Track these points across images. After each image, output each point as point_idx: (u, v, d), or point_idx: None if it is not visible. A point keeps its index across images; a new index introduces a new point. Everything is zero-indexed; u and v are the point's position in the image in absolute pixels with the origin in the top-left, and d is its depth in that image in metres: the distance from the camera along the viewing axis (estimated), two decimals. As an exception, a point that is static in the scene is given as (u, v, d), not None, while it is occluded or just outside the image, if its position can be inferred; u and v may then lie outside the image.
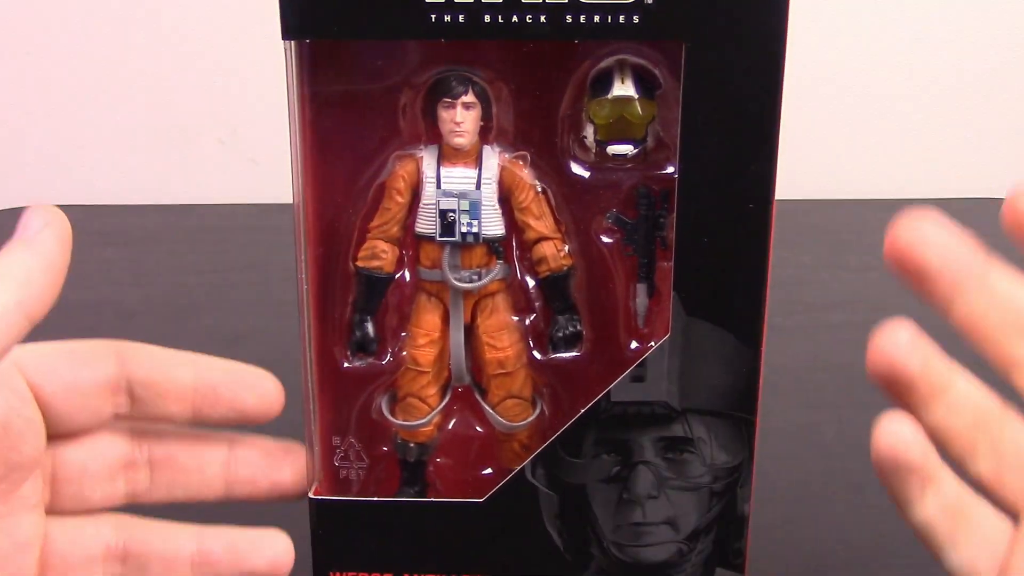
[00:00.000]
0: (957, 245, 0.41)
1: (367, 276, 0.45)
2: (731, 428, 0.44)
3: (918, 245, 0.41)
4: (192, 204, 1.05)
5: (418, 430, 0.46)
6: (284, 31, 0.41)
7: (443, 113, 0.43)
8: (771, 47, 0.40)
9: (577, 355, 0.46)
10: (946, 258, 0.41)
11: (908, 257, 0.40)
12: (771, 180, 0.41)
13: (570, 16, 0.40)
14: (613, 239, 0.45)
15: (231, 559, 0.43)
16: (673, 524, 0.45)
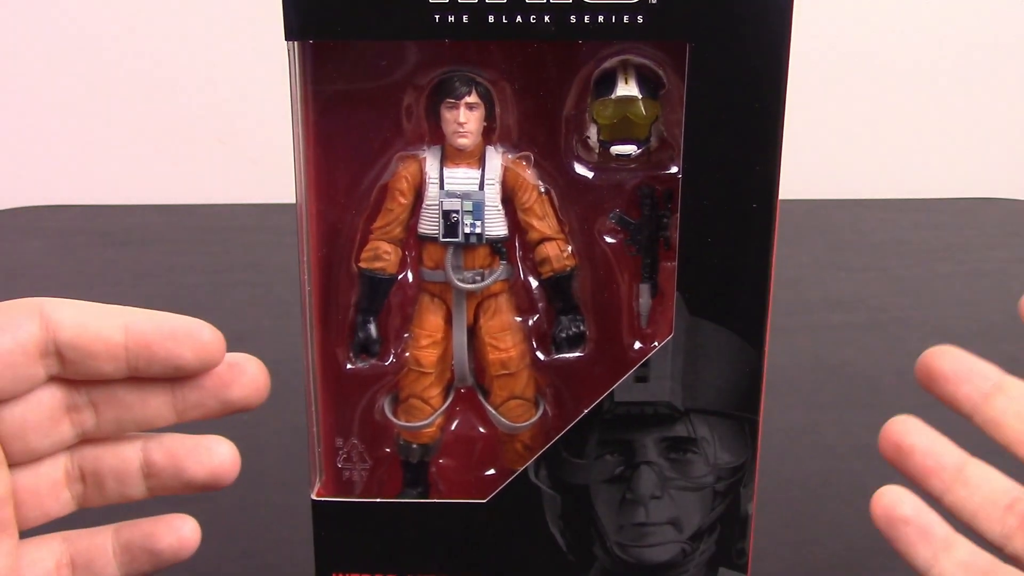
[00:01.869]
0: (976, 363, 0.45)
1: (370, 277, 0.45)
2: (734, 428, 0.44)
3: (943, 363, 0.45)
4: (192, 204, 1.05)
5: (421, 431, 0.46)
6: (287, 32, 0.40)
7: (446, 114, 0.43)
8: (775, 48, 0.40)
9: (580, 355, 0.46)
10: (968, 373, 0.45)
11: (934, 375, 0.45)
12: (775, 180, 0.41)
13: (574, 16, 0.40)
14: (616, 239, 0.45)
15: (172, 466, 0.43)
16: (676, 524, 0.45)
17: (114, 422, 0.43)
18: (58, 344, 0.40)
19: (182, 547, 0.43)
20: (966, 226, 1.01)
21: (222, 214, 1.03)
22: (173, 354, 0.41)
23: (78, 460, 0.43)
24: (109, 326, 0.40)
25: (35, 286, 0.89)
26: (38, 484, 0.42)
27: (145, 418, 0.43)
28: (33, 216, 1.02)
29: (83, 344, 0.40)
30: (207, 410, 0.43)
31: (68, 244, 0.97)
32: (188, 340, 0.41)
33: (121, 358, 0.41)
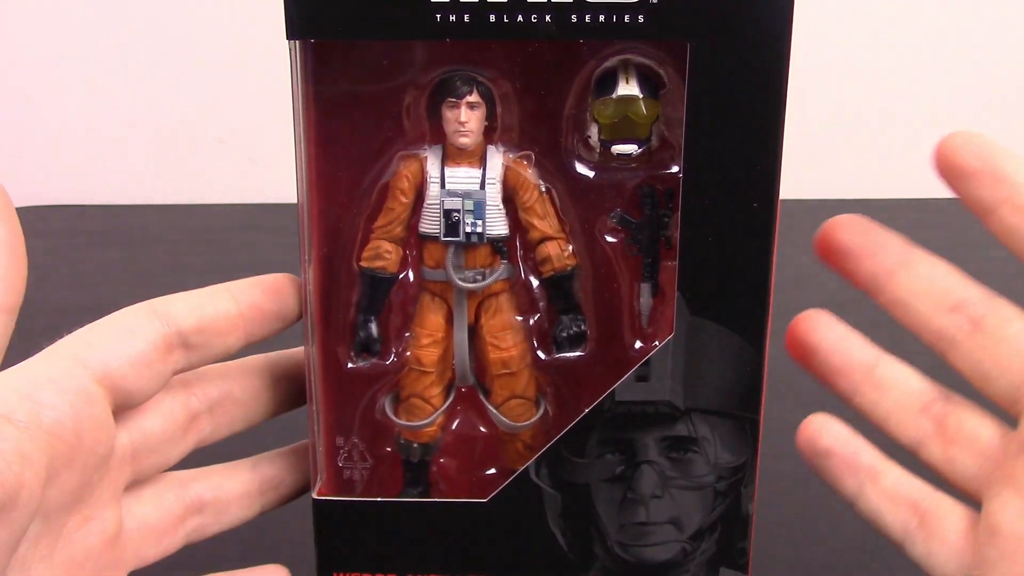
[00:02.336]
0: (882, 236, 0.43)
1: (371, 276, 0.45)
2: (735, 428, 0.44)
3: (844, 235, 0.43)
4: (192, 204, 1.05)
5: (421, 430, 0.46)
6: (289, 31, 0.40)
7: (447, 113, 0.43)
8: (776, 47, 0.40)
9: (581, 355, 0.46)
10: (873, 246, 0.42)
11: (835, 248, 0.43)
12: (775, 180, 0.41)
13: (575, 16, 0.40)
14: (617, 239, 0.45)
15: (292, 475, 0.46)
16: (677, 524, 0.45)
17: (227, 424, 0.45)
18: (183, 335, 0.41)
19: None
20: (966, 226, 1.01)
21: (222, 214, 1.03)
22: (280, 306, 0.44)
23: (194, 492, 0.44)
24: (222, 301, 0.43)
25: (35, 286, 0.89)
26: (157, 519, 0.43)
27: (253, 413, 0.46)
28: (33, 216, 1.02)
29: (206, 326, 0.42)
30: (296, 396, 0.46)
31: (68, 244, 0.97)
32: (286, 290, 0.44)
33: (240, 327, 0.43)
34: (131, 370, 0.39)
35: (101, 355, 0.39)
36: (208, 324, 0.42)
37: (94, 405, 0.38)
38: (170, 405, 0.43)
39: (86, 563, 0.39)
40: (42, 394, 0.37)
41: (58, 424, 0.37)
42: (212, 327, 0.42)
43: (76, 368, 0.38)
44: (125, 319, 0.41)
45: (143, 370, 0.40)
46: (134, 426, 0.42)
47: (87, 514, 0.39)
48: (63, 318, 0.88)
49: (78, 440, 0.38)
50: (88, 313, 0.87)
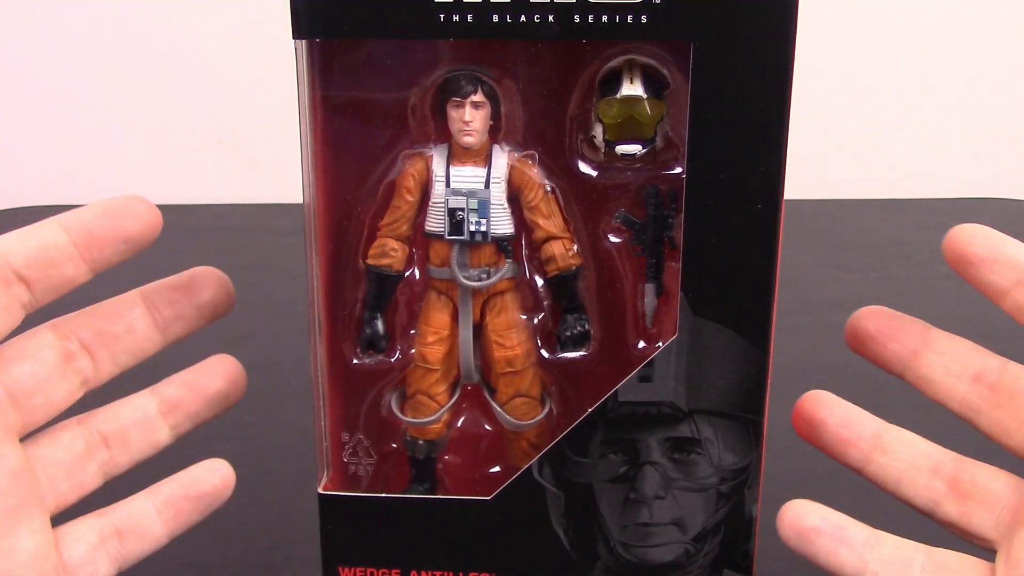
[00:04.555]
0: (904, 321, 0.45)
1: (377, 274, 0.45)
2: (738, 429, 0.44)
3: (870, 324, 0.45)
4: (192, 204, 1.05)
5: (427, 427, 0.46)
6: (295, 31, 0.41)
7: (452, 112, 0.43)
8: (780, 47, 0.40)
9: (584, 354, 0.46)
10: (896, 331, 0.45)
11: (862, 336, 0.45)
12: (780, 180, 0.41)
13: (578, 16, 0.40)
14: (621, 239, 0.45)
15: (191, 390, 0.46)
16: (680, 525, 0.45)
17: (110, 359, 0.44)
18: (15, 268, 0.41)
19: (225, 487, 0.45)
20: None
21: (222, 214, 1.03)
22: (116, 229, 0.42)
23: (96, 427, 0.44)
24: (48, 232, 0.42)
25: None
26: (61, 457, 0.43)
27: (136, 345, 0.45)
28: (33, 216, 1.02)
29: (36, 257, 0.41)
30: (188, 322, 0.46)
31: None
32: (125, 212, 0.43)
33: (75, 255, 0.42)
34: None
35: None
36: (37, 255, 0.41)
37: None
38: (37, 347, 0.43)
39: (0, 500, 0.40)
40: None
41: None
42: (43, 257, 0.41)
43: None
44: None
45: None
46: (3, 372, 0.42)
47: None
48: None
49: None
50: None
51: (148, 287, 0.46)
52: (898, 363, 0.44)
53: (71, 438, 0.44)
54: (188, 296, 0.46)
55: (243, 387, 0.47)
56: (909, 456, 0.44)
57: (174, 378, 0.46)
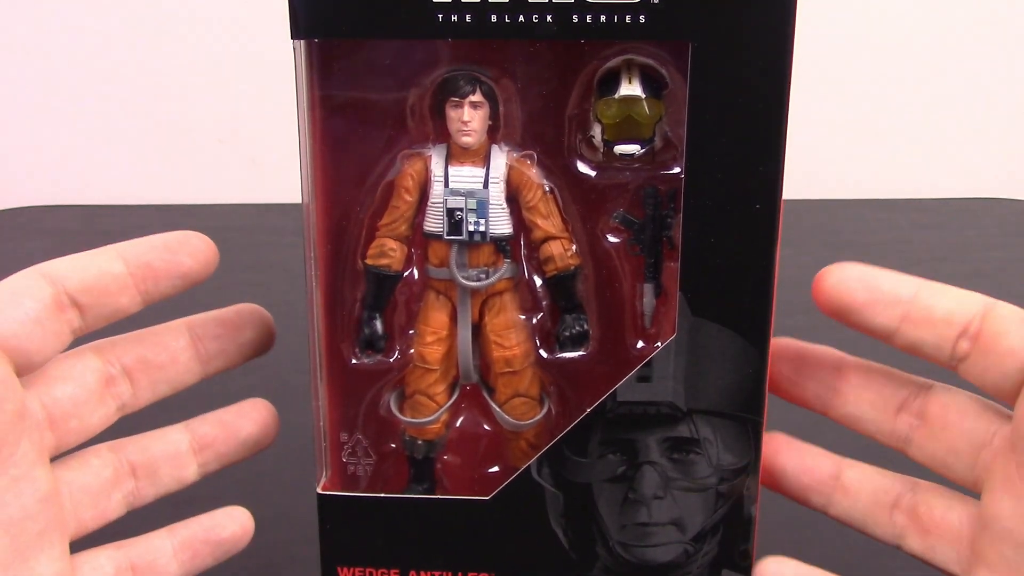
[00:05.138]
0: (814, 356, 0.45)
1: (375, 274, 0.45)
2: (737, 429, 0.44)
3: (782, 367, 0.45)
4: (192, 204, 1.05)
5: (426, 427, 0.46)
6: (294, 31, 0.41)
7: (451, 112, 0.43)
8: (778, 47, 0.39)
9: (583, 354, 0.46)
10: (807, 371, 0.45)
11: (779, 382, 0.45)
12: (778, 180, 0.41)
13: (576, 16, 0.40)
14: (620, 239, 0.45)
15: (225, 433, 0.46)
16: (679, 525, 0.45)
17: (149, 387, 0.45)
18: (71, 294, 0.41)
19: (244, 534, 0.46)
20: (966, 226, 1.01)
21: (222, 214, 1.03)
22: (174, 264, 0.43)
23: (126, 456, 0.44)
24: (107, 260, 0.42)
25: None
26: (88, 483, 0.43)
27: (176, 375, 0.45)
28: (33, 216, 1.02)
29: (92, 285, 0.42)
30: (229, 358, 0.46)
31: (68, 244, 0.97)
32: (183, 248, 0.43)
33: (130, 286, 0.42)
34: (23, 330, 0.40)
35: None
36: (94, 283, 0.42)
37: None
38: (80, 370, 0.43)
39: (24, 523, 0.40)
40: None
41: None
42: (99, 286, 0.42)
43: None
44: (13, 284, 0.41)
45: (36, 329, 0.40)
46: (45, 391, 0.42)
47: (14, 475, 0.40)
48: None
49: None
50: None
51: (195, 319, 0.46)
52: (821, 404, 0.45)
53: (100, 465, 0.44)
54: (233, 332, 0.46)
55: (275, 433, 0.47)
56: (869, 494, 0.44)
57: (209, 416, 0.46)
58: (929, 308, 0.41)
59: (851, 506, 0.45)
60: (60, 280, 0.41)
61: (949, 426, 0.42)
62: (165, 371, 0.45)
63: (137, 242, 0.43)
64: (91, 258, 0.42)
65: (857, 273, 0.42)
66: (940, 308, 0.41)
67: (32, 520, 0.40)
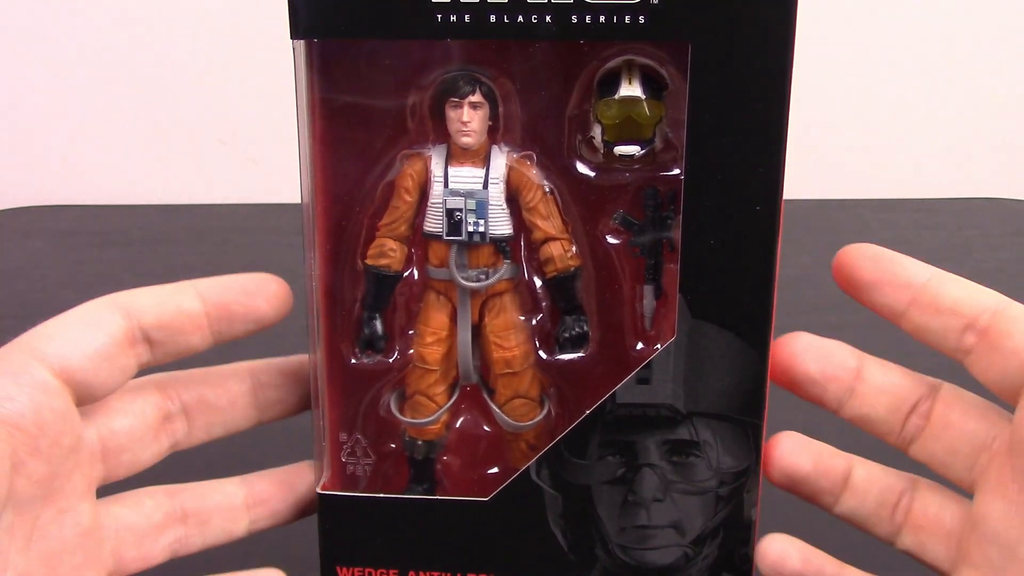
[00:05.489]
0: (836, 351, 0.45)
1: (375, 274, 0.45)
2: (737, 432, 0.44)
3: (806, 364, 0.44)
4: (192, 204, 1.04)
5: (426, 428, 0.46)
6: (293, 31, 0.41)
7: (450, 113, 0.43)
8: (779, 47, 0.39)
9: (583, 356, 0.46)
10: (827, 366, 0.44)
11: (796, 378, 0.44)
12: (779, 181, 0.41)
13: (575, 16, 0.40)
14: (620, 240, 0.45)
15: (282, 492, 0.46)
16: (678, 528, 0.45)
17: (204, 428, 0.45)
18: (144, 329, 0.41)
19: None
20: (966, 226, 1.01)
21: (222, 214, 1.03)
22: (250, 308, 0.43)
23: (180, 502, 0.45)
24: (187, 298, 0.42)
25: (35, 286, 0.89)
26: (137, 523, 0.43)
27: (232, 419, 0.45)
28: (33, 216, 1.02)
29: (168, 322, 0.42)
30: (285, 407, 0.46)
31: (68, 244, 0.97)
32: (260, 292, 0.43)
33: (205, 326, 0.42)
34: (90, 363, 0.40)
35: (60, 348, 0.40)
36: (170, 320, 0.42)
37: (54, 397, 0.39)
38: (141, 405, 0.43)
39: (63, 556, 0.40)
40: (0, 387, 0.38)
41: (18, 415, 0.38)
42: (175, 324, 0.42)
43: (34, 362, 0.39)
44: (86, 313, 0.41)
45: (102, 363, 0.40)
46: (103, 423, 0.42)
47: (61, 506, 0.40)
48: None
49: (40, 431, 0.38)
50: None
51: (257, 365, 0.46)
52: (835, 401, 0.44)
53: (153, 506, 0.44)
54: (293, 383, 0.46)
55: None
56: (877, 493, 0.44)
57: (266, 473, 0.46)
58: (938, 295, 0.42)
59: (858, 505, 0.45)
60: (137, 314, 0.41)
61: (951, 427, 0.42)
62: (223, 414, 0.45)
63: (215, 281, 0.43)
64: (171, 295, 0.42)
65: (872, 253, 0.43)
66: (948, 297, 0.42)
67: (71, 554, 0.40)
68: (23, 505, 0.38)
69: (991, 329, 0.41)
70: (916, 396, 0.43)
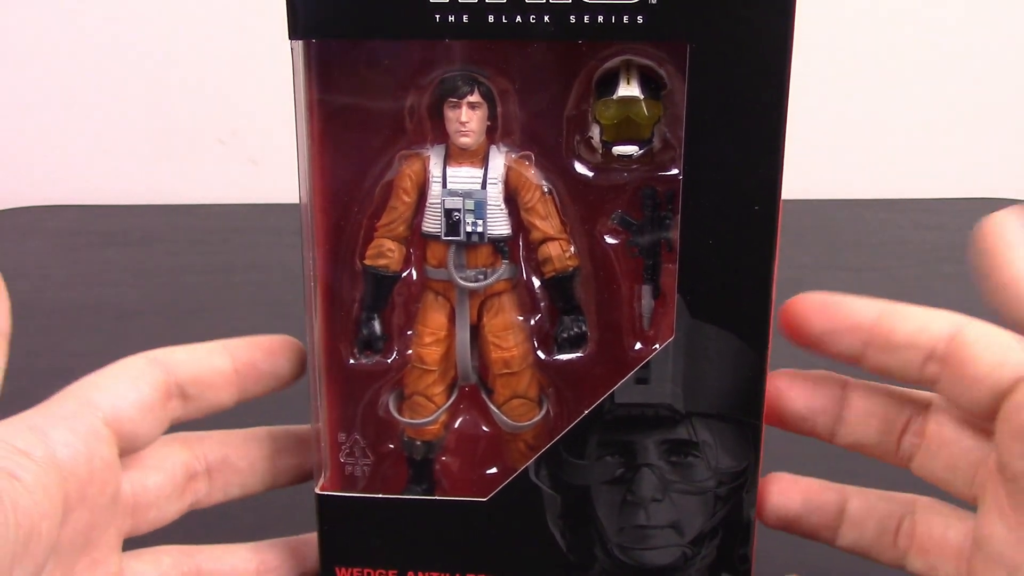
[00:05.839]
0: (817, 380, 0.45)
1: (374, 274, 0.45)
2: (736, 432, 0.44)
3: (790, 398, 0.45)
4: (192, 204, 1.05)
5: (425, 428, 0.46)
6: (291, 31, 0.41)
7: (449, 113, 0.43)
8: (777, 47, 0.39)
9: (581, 356, 0.46)
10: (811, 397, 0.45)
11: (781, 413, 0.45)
12: (777, 181, 0.41)
13: (573, 16, 0.40)
14: (618, 240, 0.45)
15: (292, 561, 0.47)
16: (677, 528, 0.45)
17: (222, 489, 0.46)
18: (180, 385, 0.43)
19: None
20: (966, 226, 1.00)
21: (222, 214, 1.03)
22: (275, 366, 0.45)
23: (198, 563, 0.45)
24: (218, 356, 0.44)
25: (35, 286, 0.89)
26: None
27: (248, 482, 0.46)
28: (33, 216, 1.02)
29: (202, 378, 0.43)
30: (300, 474, 0.47)
31: (68, 244, 0.97)
32: (283, 352, 0.45)
33: (234, 383, 0.44)
34: (137, 414, 0.41)
35: (109, 398, 0.41)
36: (204, 377, 0.43)
37: (103, 445, 0.40)
38: (171, 462, 0.44)
39: None
40: (56, 432, 0.38)
41: (72, 461, 0.38)
42: (207, 380, 0.44)
43: (87, 409, 0.40)
44: (129, 366, 0.42)
45: (146, 415, 0.41)
46: (136, 477, 0.43)
47: (95, 557, 0.40)
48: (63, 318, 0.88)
49: (89, 479, 0.39)
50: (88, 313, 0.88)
51: (276, 431, 0.47)
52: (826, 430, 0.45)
53: (171, 564, 0.44)
54: (307, 451, 0.47)
55: None
56: (875, 523, 0.45)
57: (279, 542, 0.47)
58: (889, 333, 0.41)
59: (859, 536, 0.45)
60: (173, 370, 0.43)
61: (945, 444, 0.42)
62: (242, 476, 0.46)
63: (242, 341, 0.45)
64: (205, 353, 0.44)
65: (818, 303, 0.42)
66: (901, 332, 0.41)
67: None
68: (64, 553, 0.39)
69: (950, 358, 0.40)
70: (906, 415, 0.43)
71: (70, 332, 0.81)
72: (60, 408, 0.40)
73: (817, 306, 0.42)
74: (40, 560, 0.36)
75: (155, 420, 0.42)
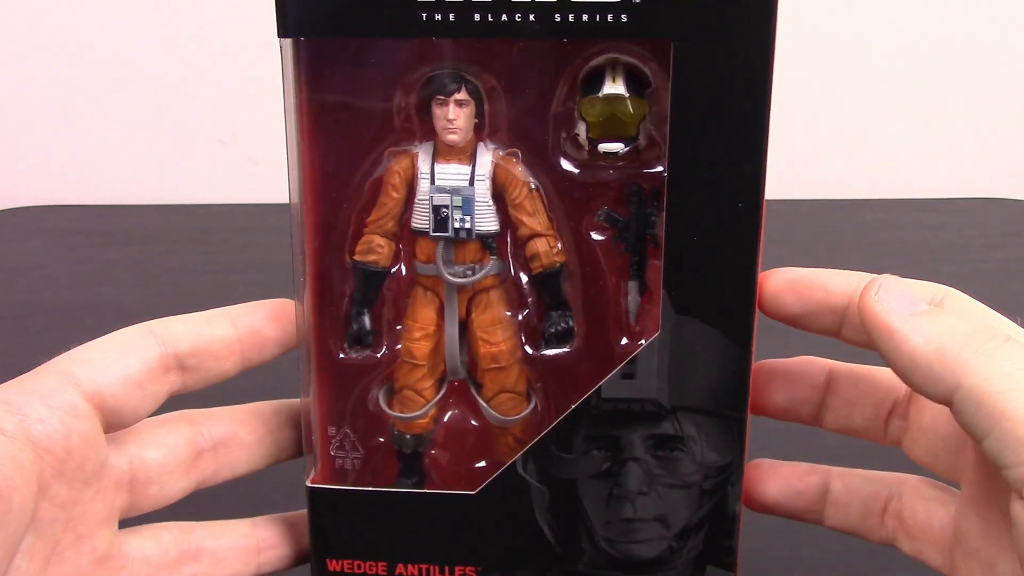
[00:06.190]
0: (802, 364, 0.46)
1: (363, 270, 0.45)
2: (721, 427, 0.44)
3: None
4: (192, 204, 1.05)
5: (414, 422, 0.47)
6: (281, 30, 0.41)
7: (436, 110, 0.43)
8: (760, 46, 0.40)
9: (569, 351, 0.46)
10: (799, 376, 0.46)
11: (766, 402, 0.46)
12: (761, 178, 0.41)
13: (559, 15, 0.40)
14: (605, 236, 0.45)
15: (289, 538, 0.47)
16: (663, 521, 0.45)
17: (229, 466, 0.45)
18: (179, 356, 0.42)
19: None
20: (966, 226, 1.01)
21: (222, 214, 1.03)
22: (280, 331, 0.44)
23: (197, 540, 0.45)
24: (219, 323, 0.43)
25: (35, 286, 0.89)
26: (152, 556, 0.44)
27: (251, 459, 0.46)
28: (33, 216, 1.03)
29: (203, 349, 0.42)
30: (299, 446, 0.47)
31: (68, 244, 0.98)
32: (287, 316, 0.44)
33: (237, 351, 0.43)
34: (122, 390, 0.40)
35: (92, 373, 0.40)
36: (205, 347, 0.43)
37: (83, 422, 0.39)
38: (174, 439, 0.44)
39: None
40: (31, 409, 0.38)
41: (47, 437, 0.38)
42: (209, 350, 0.43)
43: (66, 385, 0.39)
44: (121, 339, 0.42)
45: (134, 391, 0.41)
46: (135, 452, 0.42)
47: (80, 532, 0.40)
48: (63, 318, 0.88)
49: (67, 454, 0.39)
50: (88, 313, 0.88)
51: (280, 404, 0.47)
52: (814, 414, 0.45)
53: (170, 541, 0.44)
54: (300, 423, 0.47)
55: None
56: (859, 504, 0.45)
57: (277, 518, 0.47)
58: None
59: (844, 517, 0.45)
60: (172, 342, 0.42)
61: (927, 430, 0.43)
62: (248, 452, 0.46)
63: (245, 307, 0.44)
64: (206, 322, 0.43)
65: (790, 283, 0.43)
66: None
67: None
68: (44, 528, 0.39)
69: None
70: (892, 399, 0.44)
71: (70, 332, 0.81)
72: (39, 384, 0.39)
73: (790, 285, 0.43)
74: (15, 531, 0.36)
75: (146, 395, 0.41)
